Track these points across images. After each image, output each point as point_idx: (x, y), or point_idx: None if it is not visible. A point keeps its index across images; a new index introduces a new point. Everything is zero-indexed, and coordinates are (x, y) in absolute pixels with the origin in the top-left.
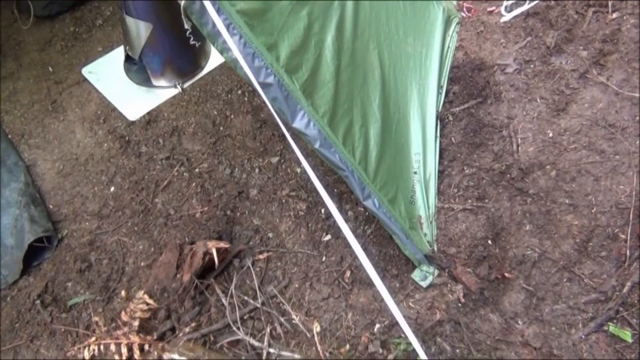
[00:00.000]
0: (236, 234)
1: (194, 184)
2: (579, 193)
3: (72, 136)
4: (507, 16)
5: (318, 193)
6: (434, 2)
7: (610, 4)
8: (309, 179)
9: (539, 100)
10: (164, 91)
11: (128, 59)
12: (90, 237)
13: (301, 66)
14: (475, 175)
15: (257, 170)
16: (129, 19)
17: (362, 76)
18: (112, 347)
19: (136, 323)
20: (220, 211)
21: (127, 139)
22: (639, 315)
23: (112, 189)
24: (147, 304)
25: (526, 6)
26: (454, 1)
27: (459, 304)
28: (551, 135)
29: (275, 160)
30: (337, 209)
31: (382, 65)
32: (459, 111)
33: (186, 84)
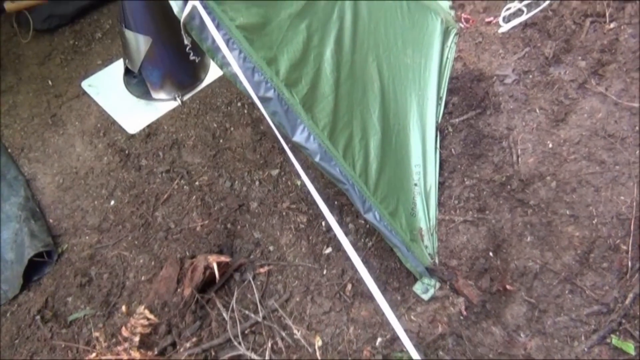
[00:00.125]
0: (237, 247)
1: (194, 197)
2: (579, 204)
3: (72, 150)
4: (505, 27)
5: (318, 205)
6: (432, 13)
7: (607, 14)
8: (309, 192)
9: (538, 110)
10: (163, 104)
11: (127, 72)
12: (91, 251)
13: (301, 80)
14: (475, 186)
15: (257, 183)
16: (128, 32)
17: (361, 88)
18: None
19: (137, 338)
20: (221, 224)
21: (127, 152)
22: None
23: (112, 202)
24: (148, 319)
25: (524, 17)
26: (452, 12)
27: (461, 317)
28: (551, 145)
29: (275, 172)
30: (338, 222)
31: (381, 77)
32: (458, 122)
33: (186, 97)
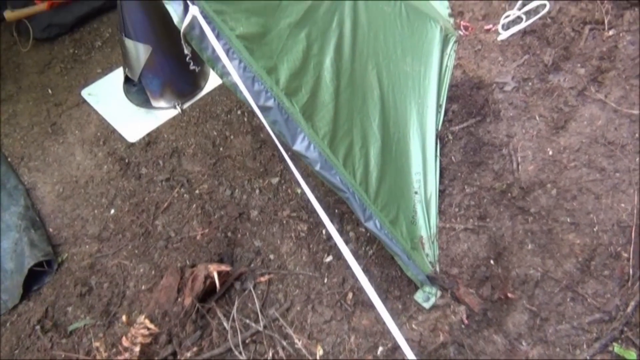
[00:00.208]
0: (237, 256)
1: (194, 205)
2: (580, 211)
3: (71, 158)
4: (504, 34)
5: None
6: (431, 21)
7: (606, 22)
8: (309, 200)
9: (538, 118)
10: (163, 112)
11: (127, 80)
12: (91, 260)
13: (301, 88)
14: (476, 194)
15: (257, 191)
16: (128, 41)
17: (361, 96)
18: None
19: (137, 349)
20: (221, 233)
21: (127, 160)
22: None
23: (112, 211)
24: (149, 328)
25: (523, 24)
26: (451, 20)
27: (463, 326)
28: (551, 153)
29: (275, 180)
30: (339, 230)
31: (381, 85)
32: (458, 130)
33: (185, 105)
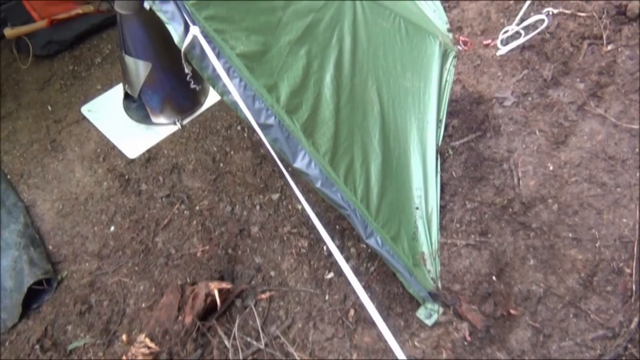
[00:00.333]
0: (238, 273)
1: (194, 222)
2: (582, 227)
3: (71, 175)
4: (503, 49)
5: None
6: (430, 36)
7: (604, 37)
8: (310, 216)
9: (538, 133)
10: (163, 128)
11: (127, 96)
12: (91, 278)
13: (301, 106)
14: (477, 209)
15: (258, 207)
16: (128, 58)
17: (361, 113)
18: None
19: None
20: (222, 250)
21: (126, 177)
22: None
23: (112, 228)
24: (149, 347)
25: (522, 39)
26: (450, 35)
27: (465, 343)
28: (552, 168)
29: (275, 196)
30: (340, 246)
31: (381, 101)
32: (458, 145)
33: (185, 121)
